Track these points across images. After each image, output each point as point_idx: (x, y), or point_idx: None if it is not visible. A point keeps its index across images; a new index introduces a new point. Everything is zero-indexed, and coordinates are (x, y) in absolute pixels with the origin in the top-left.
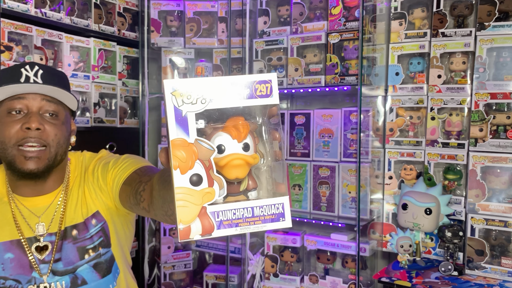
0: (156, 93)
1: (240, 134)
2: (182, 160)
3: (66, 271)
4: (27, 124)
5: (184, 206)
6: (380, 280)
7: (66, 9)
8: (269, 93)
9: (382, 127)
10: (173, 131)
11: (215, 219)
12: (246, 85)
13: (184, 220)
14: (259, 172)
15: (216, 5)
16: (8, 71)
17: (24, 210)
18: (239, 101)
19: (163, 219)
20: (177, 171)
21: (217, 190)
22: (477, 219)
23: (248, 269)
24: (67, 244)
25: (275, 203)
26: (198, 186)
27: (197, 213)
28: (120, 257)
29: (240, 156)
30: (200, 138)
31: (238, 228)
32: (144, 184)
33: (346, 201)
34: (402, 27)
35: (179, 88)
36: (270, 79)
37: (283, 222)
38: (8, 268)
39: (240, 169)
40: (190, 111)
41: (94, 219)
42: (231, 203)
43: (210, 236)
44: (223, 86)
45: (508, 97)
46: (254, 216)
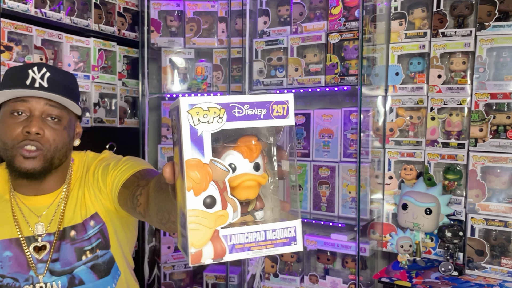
0: (156, 93)
1: (252, 154)
2: (196, 181)
3: (63, 272)
4: (27, 128)
5: (197, 230)
6: (380, 280)
7: (66, 9)
8: (286, 114)
9: (382, 127)
10: (188, 151)
11: (228, 242)
12: (263, 105)
13: (196, 244)
14: (265, 191)
15: (216, 5)
16: (16, 71)
17: (25, 209)
18: (256, 122)
19: (158, 226)
20: (191, 193)
21: (230, 213)
22: (477, 219)
23: (248, 269)
24: (65, 245)
25: (288, 226)
26: (212, 209)
27: (210, 237)
28: (121, 258)
29: (253, 177)
30: (215, 159)
31: (250, 252)
32: (141, 188)
33: (346, 201)
34: (402, 27)
35: (196, 106)
36: (287, 99)
37: (295, 246)
38: (6, 266)
39: (252, 190)
40: (206, 130)
41: (92, 220)
42: (244, 227)
43: (221, 260)
44: (240, 105)
45: (508, 97)
46: (267, 240)
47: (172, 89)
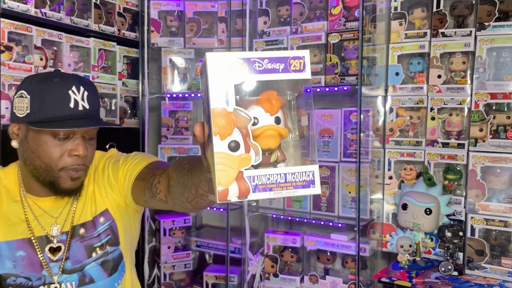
0: (156, 93)
1: (272, 107)
2: (222, 127)
3: (74, 269)
4: (76, 152)
5: (223, 170)
6: (380, 280)
7: (66, 9)
8: (302, 68)
9: (382, 127)
10: (214, 100)
11: (251, 183)
12: (281, 60)
13: (223, 183)
14: (287, 146)
15: (216, 5)
16: (53, 91)
17: (37, 209)
18: (275, 75)
19: (183, 206)
20: (217, 137)
21: (253, 156)
22: (477, 219)
23: (248, 269)
24: (74, 243)
25: (306, 170)
26: (236, 152)
27: (235, 177)
28: (128, 255)
29: (274, 127)
30: (238, 108)
31: (272, 193)
32: (159, 177)
33: (346, 201)
34: (402, 27)
35: (221, 61)
36: (303, 55)
37: (313, 189)
38: (19, 266)
39: (273, 139)
40: (230, 82)
41: (102, 217)
42: (266, 169)
43: (246, 199)
44: (261, 60)
45: (508, 97)
46: (287, 182)
47: (172, 89)
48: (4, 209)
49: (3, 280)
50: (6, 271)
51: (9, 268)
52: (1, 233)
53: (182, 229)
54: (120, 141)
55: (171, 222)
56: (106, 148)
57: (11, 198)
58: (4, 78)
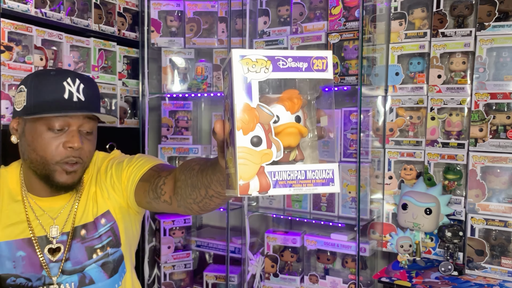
0: (156, 93)
1: (294, 106)
2: (245, 122)
3: (74, 270)
4: (70, 144)
5: (245, 164)
6: (380, 280)
7: (66, 9)
8: (325, 68)
9: (382, 127)
10: (238, 96)
11: (272, 178)
12: (305, 59)
13: (244, 177)
14: (305, 146)
15: (216, 5)
16: (48, 83)
17: (38, 210)
18: (298, 74)
19: (189, 207)
20: (240, 132)
21: (274, 152)
22: (477, 219)
23: (248, 269)
24: (75, 244)
25: (326, 168)
26: (258, 147)
27: (256, 171)
28: (129, 257)
29: (295, 125)
30: (261, 104)
31: (292, 189)
32: (164, 178)
33: (346, 201)
34: (402, 27)
35: (246, 57)
36: (326, 56)
37: (333, 187)
38: (19, 266)
39: (294, 137)
40: (254, 78)
41: (104, 218)
42: (287, 165)
43: (266, 194)
44: (285, 58)
45: (508, 97)
46: (307, 179)
47: (172, 89)
48: (5, 208)
49: (3, 281)
50: (6, 271)
51: (9, 269)
52: (1, 234)
53: (182, 229)
54: (120, 141)
55: (171, 222)
56: (106, 148)
57: (13, 198)
58: (4, 78)
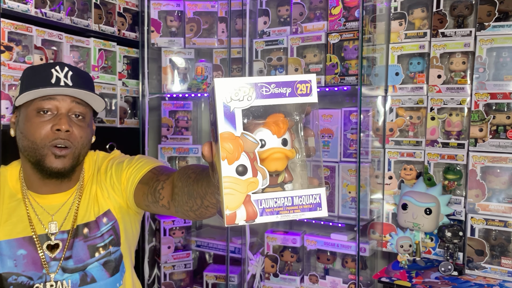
0: (156, 93)
1: (280, 130)
2: (230, 151)
3: (76, 269)
4: (57, 126)
5: (231, 194)
6: (380, 280)
7: (66, 9)
8: (309, 92)
9: (382, 127)
10: (222, 125)
11: (258, 206)
12: (288, 84)
13: (231, 207)
14: (294, 167)
15: (216, 5)
16: (38, 71)
17: (38, 208)
18: (282, 99)
19: (186, 215)
20: (225, 162)
21: (260, 180)
22: (477, 219)
23: (248, 269)
24: (78, 242)
25: (313, 193)
26: (244, 176)
27: (242, 201)
28: (128, 256)
29: (280, 150)
30: (245, 132)
31: (279, 216)
32: (163, 182)
33: (346, 201)
34: (402, 27)
35: (229, 86)
36: (310, 79)
37: (320, 212)
38: (20, 265)
39: (280, 162)
40: (237, 107)
41: (105, 217)
42: (273, 192)
43: (253, 222)
44: (267, 85)
45: (508, 97)
46: (294, 205)
47: (172, 89)
48: (6, 207)
49: (4, 279)
50: (7, 270)
51: (10, 267)
52: (2, 232)
53: (182, 229)
54: (120, 141)
55: (171, 222)
56: (106, 148)
57: (13, 196)
58: (4, 78)
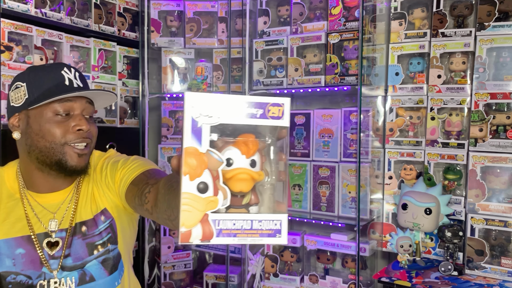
0: (156, 93)
1: (249, 150)
2: (192, 167)
3: (74, 267)
4: (79, 126)
5: (188, 211)
6: (380, 280)
7: (66, 9)
8: (281, 115)
9: (382, 127)
10: (187, 140)
11: (216, 227)
12: (260, 106)
13: (187, 224)
14: (262, 189)
15: (216, 5)
16: (46, 74)
17: (36, 206)
18: (252, 120)
19: (165, 223)
20: (186, 177)
21: (220, 200)
22: (477, 219)
23: (248, 269)
24: (76, 240)
25: (274, 219)
26: (204, 194)
27: (199, 219)
28: (126, 255)
29: (247, 171)
30: (211, 149)
31: (236, 239)
32: (150, 187)
33: (346, 201)
34: (402, 27)
35: (199, 101)
36: (283, 103)
37: (279, 238)
38: (19, 264)
39: (245, 183)
40: (206, 123)
41: (103, 215)
42: (232, 214)
43: (208, 242)
44: (238, 104)
45: (508, 97)
46: (252, 229)
47: (172, 89)
48: (3, 206)
49: (3, 278)
50: (6, 269)
51: (8, 266)
52: (0, 232)
53: None
54: (120, 141)
55: None
56: (106, 148)
57: (11, 196)
58: (4, 78)
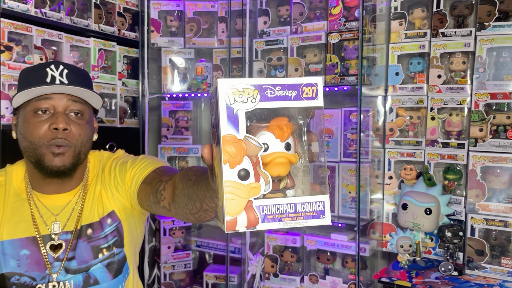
0: (156, 93)
1: (283, 134)
2: (232, 155)
3: (79, 270)
4: (55, 125)
5: (232, 199)
6: (380, 280)
7: (66, 9)
8: (315, 96)
9: (382, 127)
10: (224, 128)
11: (260, 213)
12: (293, 87)
13: (232, 212)
14: (297, 172)
15: (216, 5)
16: (33, 71)
17: (42, 208)
18: (287, 102)
19: (186, 217)
20: (227, 165)
21: (262, 185)
22: (477, 219)
23: (248, 269)
24: (81, 243)
25: (317, 200)
26: (246, 181)
27: (244, 206)
28: (131, 257)
29: (284, 155)
30: (249, 135)
31: (281, 223)
32: (165, 183)
33: (346, 201)
34: (402, 27)
35: (232, 87)
36: (316, 82)
37: (324, 219)
38: (23, 265)
39: (283, 167)
40: (241, 109)
41: (109, 218)
42: (276, 199)
43: (254, 229)
44: (272, 87)
45: (508, 97)
46: (297, 212)
47: (172, 89)
48: (10, 206)
49: (7, 279)
50: (10, 270)
51: (13, 267)
52: (6, 232)
53: (182, 229)
54: (120, 141)
55: (171, 222)
56: (106, 148)
57: (18, 196)
58: (4, 78)
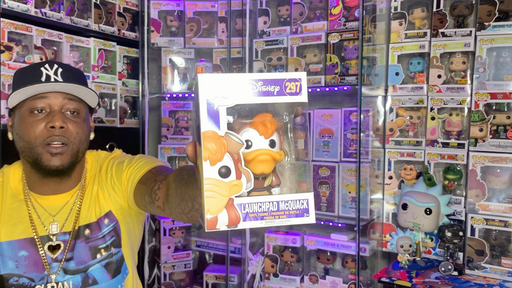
0: (156, 93)
1: (267, 130)
2: (212, 152)
3: (77, 270)
4: (51, 123)
5: (212, 197)
6: (380, 280)
7: (66, 9)
8: (298, 91)
9: (382, 127)
10: (205, 124)
11: (242, 211)
12: (276, 82)
13: (212, 211)
14: (283, 170)
15: (216, 5)
16: (28, 71)
17: (39, 208)
18: (269, 98)
19: (179, 217)
20: (207, 163)
21: (244, 183)
22: (477, 219)
23: (248, 269)
24: (79, 243)
25: (300, 198)
26: (226, 178)
27: (224, 204)
28: (130, 257)
29: (267, 152)
30: (230, 132)
31: (263, 221)
32: (159, 183)
33: (346, 201)
34: (402, 27)
35: (213, 82)
36: (300, 77)
37: (307, 218)
38: (22, 266)
39: (267, 164)
40: (222, 105)
41: (106, 218)
42: (257, 197)
43: (235, 228)
44: (254, 82)
45: (508, 97)
46: (279, 210)
47: (172, 89)
48: (7, 207)
49: (5, 281)
50: (9, 271)
51: (11, 268)
52: (3, 233)
53: (182, 229)
54: (120, 141)
55: (171, 222)
56: (106, 148)
57: (15, 197)
58: (4, 78)
